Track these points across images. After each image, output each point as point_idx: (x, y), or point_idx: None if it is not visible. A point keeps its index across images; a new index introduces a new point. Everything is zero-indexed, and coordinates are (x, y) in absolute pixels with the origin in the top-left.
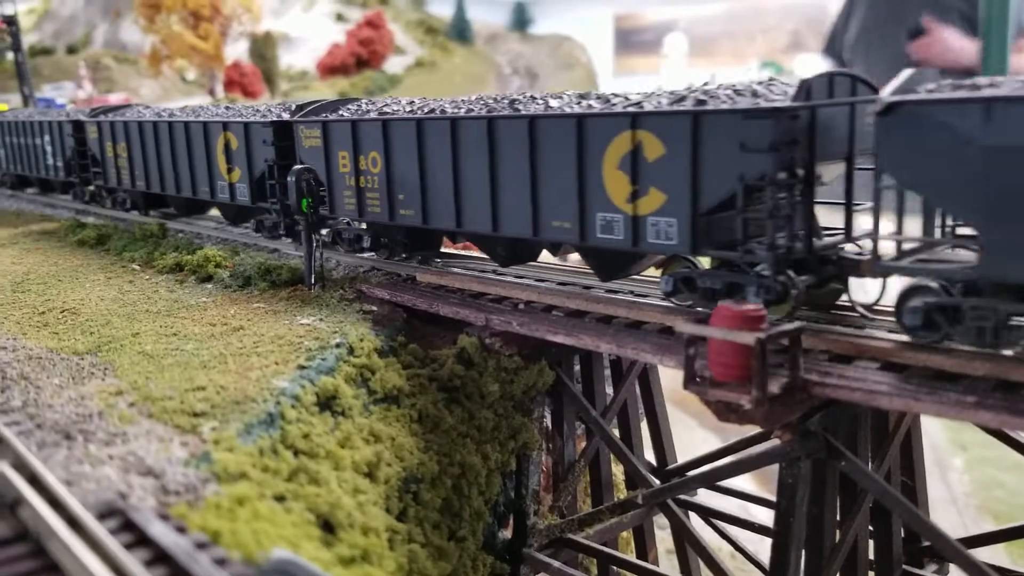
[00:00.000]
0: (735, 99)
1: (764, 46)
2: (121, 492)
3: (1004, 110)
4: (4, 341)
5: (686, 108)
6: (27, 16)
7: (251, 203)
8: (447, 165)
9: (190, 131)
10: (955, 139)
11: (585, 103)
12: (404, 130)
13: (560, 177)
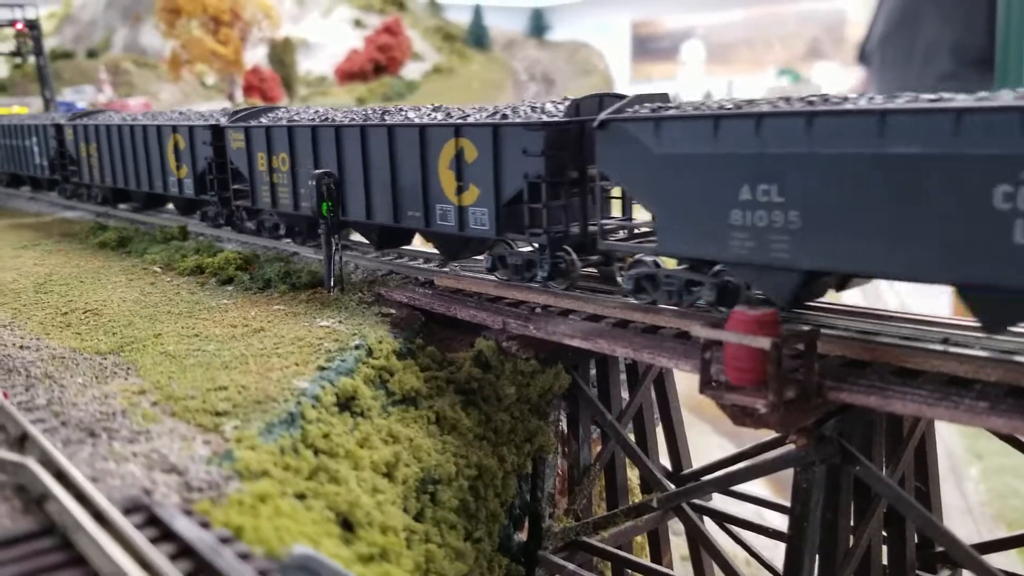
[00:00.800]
0: (528, 115)
1: (782, 53)
2: (145, 488)
3: (667, 126)
4: (28, 341)
5: (489, 121)
6: (48, 20)
7: (195, 196)
8: (334, 165)
9: (147, 133)
10: (640, 147)
11: (434, 115)
12: (303, 135)
13: (410, 175)
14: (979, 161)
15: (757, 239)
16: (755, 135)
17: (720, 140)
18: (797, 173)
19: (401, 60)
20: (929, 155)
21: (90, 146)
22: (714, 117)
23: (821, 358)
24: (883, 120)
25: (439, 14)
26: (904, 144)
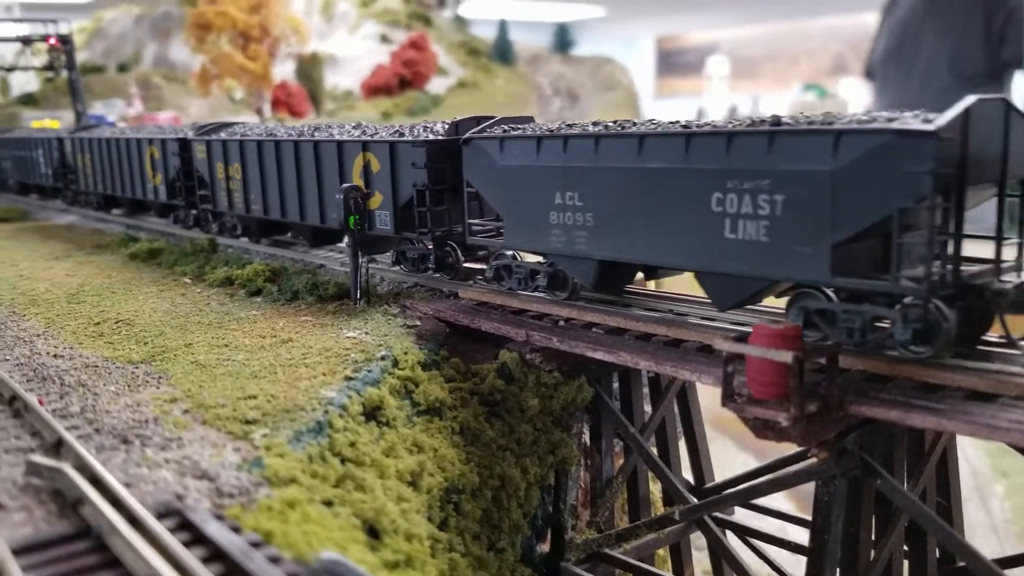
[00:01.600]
0: (418, 134)
1: (808, 68)
2: (177, 493)
3: (507, 144)
4: (61, 350)
5: (388, 139)
6: (78, 35)
7: (168, 200)
8: (275, 174)
9: (129, 145)
10: (490, 160)
11: (352, 133)
12: (252, 148)
13: (332, 183)
14: (701, 173)
15: (567, 235)
16: (563, 152)
17: (541, 155)
18: (590, 183)
19: (426, 75)
20: (670, 169)
21: (85, 157)
22: (537, 137)
23: (843, 372)
24: (642, 141)
25: (464, 29)
26: (655, 160)
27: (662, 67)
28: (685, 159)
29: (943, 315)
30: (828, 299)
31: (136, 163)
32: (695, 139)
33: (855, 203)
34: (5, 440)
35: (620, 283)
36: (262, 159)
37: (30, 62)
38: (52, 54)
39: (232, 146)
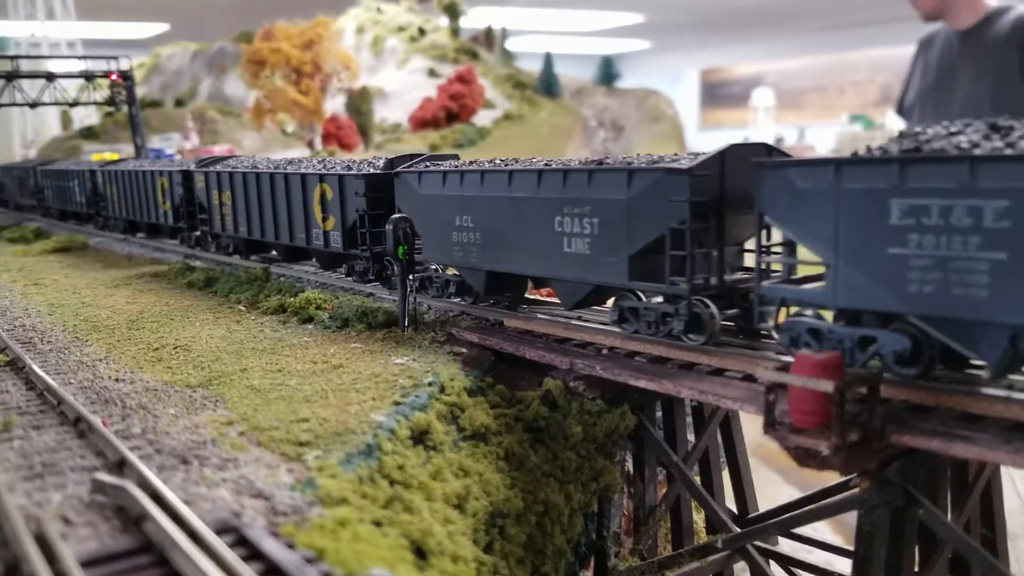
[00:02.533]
0: (362, 168)
1: (855, 100)
2: (234, 511)
3: (423, 177)
4: (123, 374)
5: (337, 172)
6: (137, 70)
7: (174, 224)
8: (256, 201)
9: (145, 177)
10: (412, 190)
11: (317, 167)
12: (238, 179)
13: (298, 209)
14: (548, 201)
15: (464, 251)
16: (460, 184)
17: (446, 187)
18: (478, 208)
19: (473, 108)
20: (529, 197)
21: (112, 187)
22: (443, 172)
23: (884, 402)
24: (511, 176)
25: (511, 63)
26: (519, 191)
27: (707, 99)
28: (537, 190)
29: (709, 311)
30: (637, 299)
31: (151, 192)
32: (544, 175)
33: (642, 224)
34: (71, 459)
35: (507, 291)
36: (247, 188)
37: (92, 97)
38: (113, 89)
39: (224, 177)
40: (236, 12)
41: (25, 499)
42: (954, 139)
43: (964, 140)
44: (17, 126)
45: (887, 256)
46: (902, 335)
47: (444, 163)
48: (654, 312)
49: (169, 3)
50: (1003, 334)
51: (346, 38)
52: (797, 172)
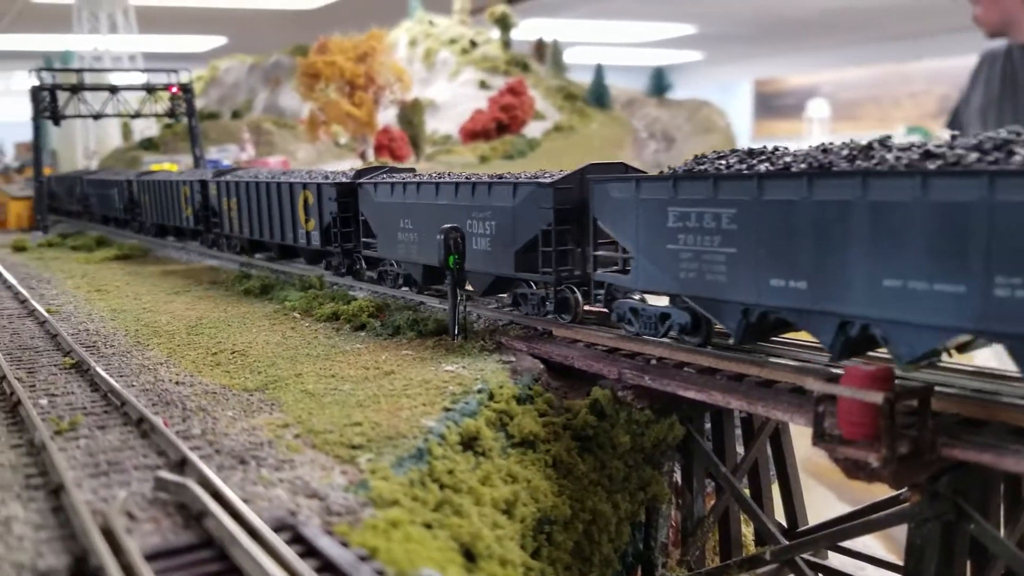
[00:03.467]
0: (334, 178)
1: (911, 111)
2: (291, 510)
3: (379, 187)
4: (183, 377)
5: (315, 181)
6: (196, 83)
7: (194, 227)
8: (255, 207)
9: (170, 186)
10: (371, 197)
11: (303, 177)
12: (241, 187)
13: (287, 213)
14: (463, 208)
15: (406, 248)
16: (404, 193)
17: (394, 196)
18: (415, 213)
19: (523, 119)
20: (449, 204)
21: (145, 195)
22: (391, 183)
23: (935, 415)
24: (437, 187)
25: (562, 74)
26: (442, 199)
27: (760, 110)
28: (455, 199)
29: (575, 296)
30: (528, 287)
31: (176, 199)
32: (459, 186)
33: (523, 227)
34: (134, 458)
35: (439, 282)
36: (248, 195)
37: (153, 109)
38: (173, 101)
39: (231, 186)
40: (292, 26)
41: (92, 495)
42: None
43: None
44: (80, 137)
45: (666, 250)
46: (684, 311)
47: (397, 176)
48: (536, 297)
49: (227, 17)
50: (737, 308)
51: (399, 51)
52: (613, 186)
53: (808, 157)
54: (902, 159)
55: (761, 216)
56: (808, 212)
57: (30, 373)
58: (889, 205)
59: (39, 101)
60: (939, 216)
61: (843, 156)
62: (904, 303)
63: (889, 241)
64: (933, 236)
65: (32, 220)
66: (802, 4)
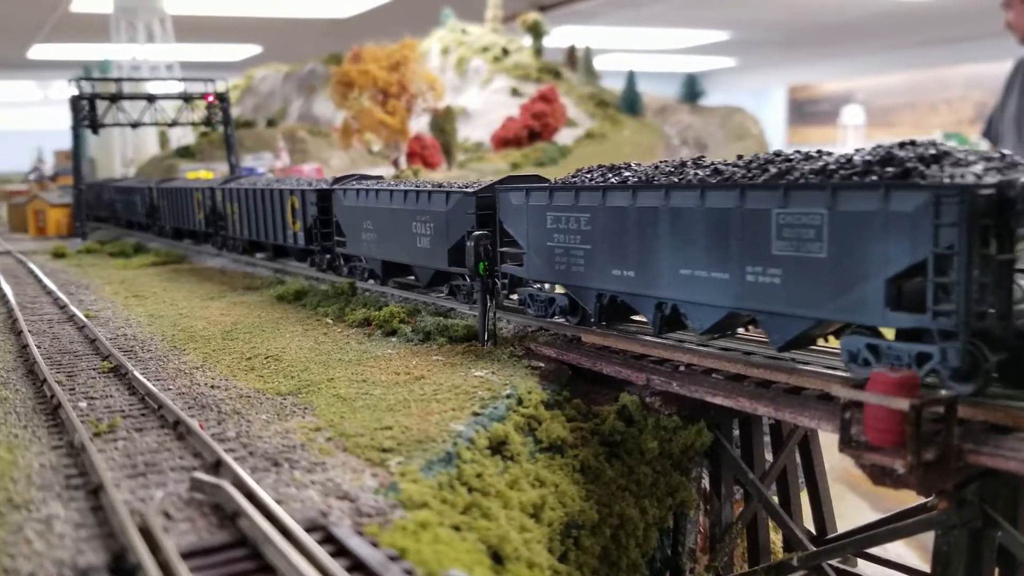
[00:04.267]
0: (314, 185)
1: (948, 117)
2: (322, 511)
3: (346, 192)
4: (218, 381)
5: (300, 188)
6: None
7: (204, 230)
8: (250, 211)
9: (184, 193)
10: (340, 201)
11: (293, 184)
12: (240, 194)
13: (279, 216)
14: (410, 211)
15: (368, 246)
16: (367, 199)
17: (358, 200)
18: (375, 216)
19: (555, 126)
20: (401, 209)
21: (163, 201)
22: (356, 189)
23: (962, 422)
24: (391, 193)
25: (594, 82)
26: (395, 204)
27: (794, 116)
28: (404, 204)
29: (496, 285)
30: (462, 279)
31: (189, 205)
32: (407, 193)
33: (455, 228)
34: (171, 459)
35: (398, 275)
36: (246, 201)
37: (189, 117)
38: (210, 110)
39: (233, 192)
40: (326, 35)
41: (130, 495)
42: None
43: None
44: (118, 145)
45: (546, 247)
46: (564, 296)
47: (362, 183)
48: (466, 287)
49: (262, 26)
50: (592, 293)
51: (431, 59)
52: (512, 194)
53: (639, 172)
54: (699, 175)
55: (605, 219)
56: (634, 216)
57: (70, 376)
58: (682, 211)
59: (78, 110)
60: (712, 220)
61: (664, 171)
62: (693, 287)
63: (682, 239)
64: (709, 235)
65: (71, 227)
66: (837, 9)
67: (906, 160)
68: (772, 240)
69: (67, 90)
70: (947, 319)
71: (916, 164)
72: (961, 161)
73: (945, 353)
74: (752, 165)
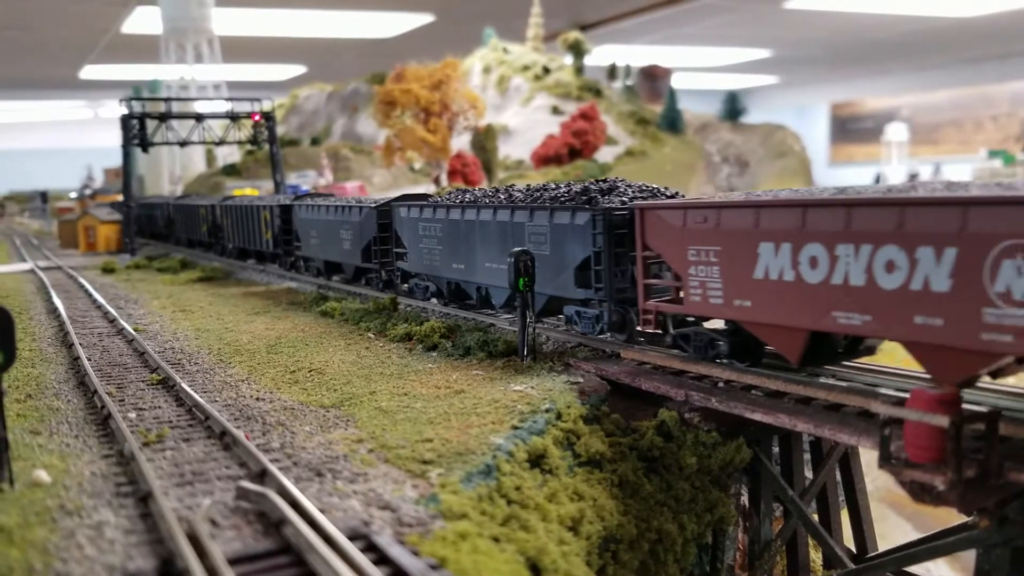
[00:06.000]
0: (281, 201)
1: (993, 134)
2: (364, 520)
3: (300, 208)
4: (263, 394)
5: (270, 204)
6: (276, 110)
7: (208, 239)
8: (239, 223)
9: (192, 208)
10: (297, 216)
11: (266, 201)
12: (231, 209)
13: (257, 227)
14: (339, 223)
15: (315, 249)
16: (311, 212)
17: (308, 214)
18: (318, 226)
19: (596, 144)
20: (332, 220)
21: (179, 215)
22: (304, 205)
23: (1004, 440)
24: (327, 209)
25: (635, 99)
26: (330, 216)
27: (837, 134)
28: (336, 216)
29: (396, 278)
30: (373, 272)
31: (196, 219)
32: (337, 208)
33: (365, 233)
34: (218, 469)
35: (335, 273)
36: (235, 215)
37: (236, 136)
38: (255, 128)
39: (226, 208)
40: (369, 54)
41: (177, 503)
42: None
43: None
44: (166, 163)
45: (419, 248)
46: (434, 284)
47: (311, 200)
48: (377, 277)
49: (307, 47)
50: (444, 280)
51: (473, 78)
52: (400, 209)
53: (473, 194)
54: (499, 198)
55: (449, 228)
56: (463, 226)
57: (119, 388)
58: (487, 223)
59: (128, 129)
60: (500, 229)
61: (486, 195)
62: (493, 275)
63: (487, 242)
64: (499, 240)
65: (120, 243)
66: (884, 26)
67: (592, 192)
68: (527, 243)
69: (118, 109)
70: (602, 292)
71: (596, 195)
72: (622, 192)
73: (603, 315)
74: (529, 192)
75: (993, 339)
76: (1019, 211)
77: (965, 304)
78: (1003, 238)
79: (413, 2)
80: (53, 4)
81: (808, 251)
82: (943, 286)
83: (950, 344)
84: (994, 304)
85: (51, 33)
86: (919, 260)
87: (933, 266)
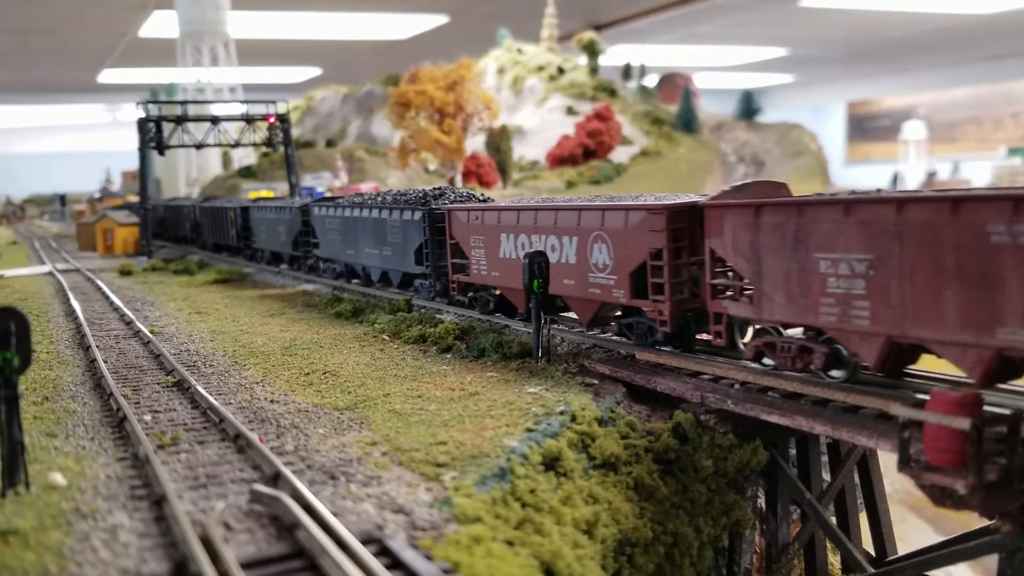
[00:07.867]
0: (242, 203)
1: (1013, 132)
2: (378, 524)
3: (254, 210)
4: (277, 396)
5: (232, 206)
6: (292, 112)
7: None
8: (213, 222)
9: (182, 210)
10: (252, 215)
11: (233, 203)
12: (207, 210)
13: (225, 225)
14: (280, 220)
15: (264, 241)
16: (261, 211)
17: (259, 213)
18: (264, 223)
19: (611, 144)
20: (275, 217)
21: (204, 218)
22: (255, 207)
23: None
24: (275, 209)
25: (649, 99)
26: (274, 215)
27: (853, 132)
28: (279, 215)
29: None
30: (302, 257)
31: (184, 219)
32: (279, 209)
33: (295, 228)
34: (231, 472)
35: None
36: (209, 215)
37: (251, 138)
38: (271, 131)
39: (202, 209)
40: (384, 56)
41: (191, 506)
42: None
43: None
44: (183, 166)
45: (327, 238)
46: (340, 267)
47: (265, 201)
48: (305, 263)
49: (322, 49)
50: (343, 264)
51: (487, 79)
52: (314, 208)
53: (364, 197)
54: (376, 200)
55: (344, 223)
56: (351, 222)
57: (135, 390)
58: (367, 219)
59: (145, 132)
60: (374, 224)
61: (367, 198)
62: (371, 259)
63: (367, 234)
64: (373, 232)
65: (137, 246)
66: (902, 24)
67: (429, 196)
68: (388, 234)
69: (135, 113)
70: (426, 268)
71: (429, 199)
72: (448, 197)
73: (433, 285)
74: (393, 196)
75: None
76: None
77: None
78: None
79: (428, 3)
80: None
81: (522, 239)
82: (574, 259)
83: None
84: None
85: (70, 37)
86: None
87: (572, 249)
